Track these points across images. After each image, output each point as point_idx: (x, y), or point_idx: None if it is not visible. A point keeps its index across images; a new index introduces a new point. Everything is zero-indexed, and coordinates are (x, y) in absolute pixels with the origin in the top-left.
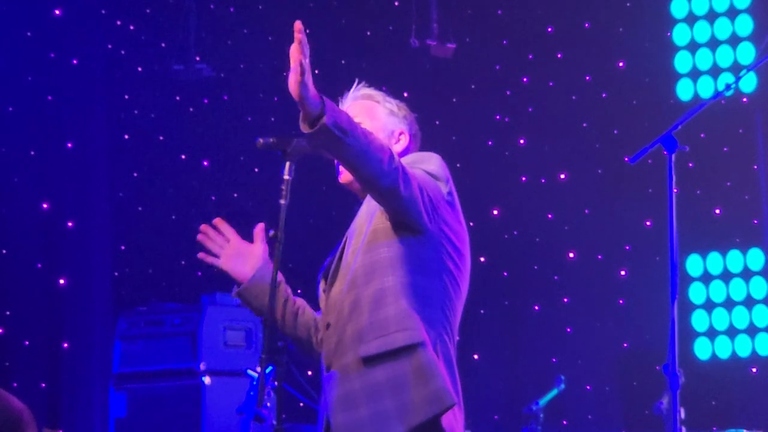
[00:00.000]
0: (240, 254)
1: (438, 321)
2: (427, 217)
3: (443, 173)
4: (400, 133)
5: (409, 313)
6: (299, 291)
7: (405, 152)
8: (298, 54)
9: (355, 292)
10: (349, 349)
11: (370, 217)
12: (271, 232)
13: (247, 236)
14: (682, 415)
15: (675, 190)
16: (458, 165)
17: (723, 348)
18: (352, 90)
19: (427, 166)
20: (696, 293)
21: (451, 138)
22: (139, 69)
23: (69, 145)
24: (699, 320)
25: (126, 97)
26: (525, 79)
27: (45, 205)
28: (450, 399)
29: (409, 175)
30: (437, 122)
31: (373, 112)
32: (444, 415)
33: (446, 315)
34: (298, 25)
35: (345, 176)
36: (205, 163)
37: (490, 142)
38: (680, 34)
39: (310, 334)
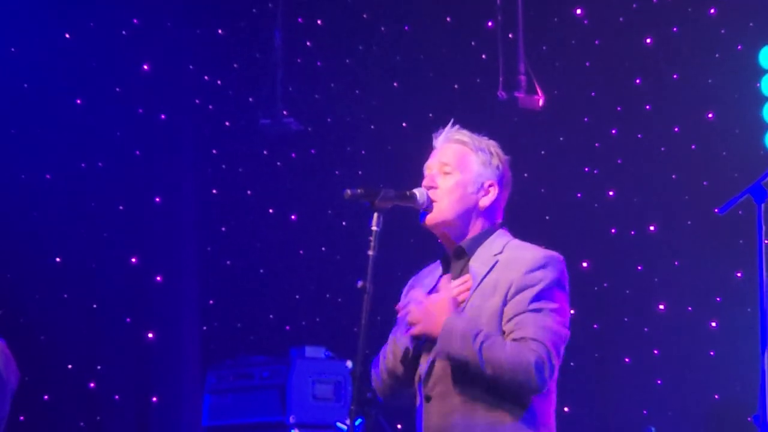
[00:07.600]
0: None
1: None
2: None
3: (566, 283)
4: (490, 185)
5: None
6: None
7: (494, 203)
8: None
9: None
10: None
11: (497, 311)
12: (360, 284)
13: (338, 288)
14: None
15: (765, 241)
16: (547, 217)
17: None
18: (447, 128)
19: (556, 276)
20: None
21: (540, 190)
22: (227, 123)
23: (157, 199)
24: None
25: (214, 151)
26: (614, 131)
27: (134, 260)
28: None
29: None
30: (526, 175)
31: (465, 162)
32: None
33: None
34: None
35: (430, 219)
36: (293, 217)
37: (579, 195)
38: None
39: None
